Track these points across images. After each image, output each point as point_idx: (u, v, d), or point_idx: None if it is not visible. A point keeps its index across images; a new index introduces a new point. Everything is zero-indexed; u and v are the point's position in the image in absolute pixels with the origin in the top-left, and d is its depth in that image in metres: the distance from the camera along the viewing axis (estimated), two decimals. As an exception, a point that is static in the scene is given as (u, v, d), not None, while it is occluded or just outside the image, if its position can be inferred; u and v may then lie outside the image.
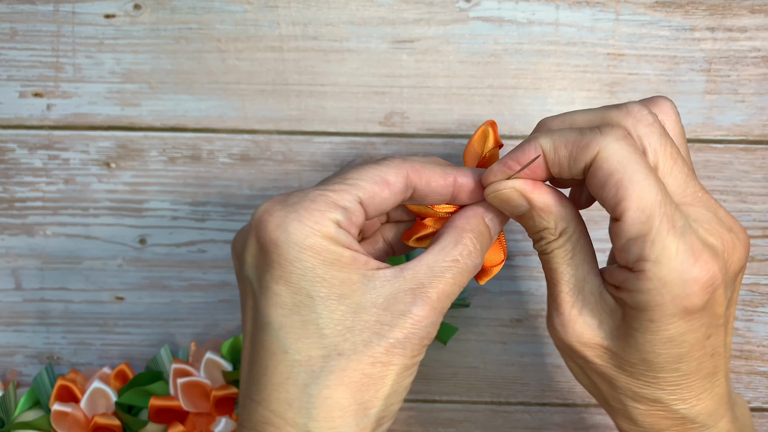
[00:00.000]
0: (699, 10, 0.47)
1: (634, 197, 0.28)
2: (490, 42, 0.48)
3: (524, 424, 0.50)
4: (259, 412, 0.28)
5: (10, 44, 0.49)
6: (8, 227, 0.50)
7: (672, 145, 0.30)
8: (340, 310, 0.28)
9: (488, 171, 0.32)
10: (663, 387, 0.31)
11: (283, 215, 0.28)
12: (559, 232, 0.31)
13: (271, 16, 0.48)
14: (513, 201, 0.31)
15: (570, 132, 0.30)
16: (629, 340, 0.30)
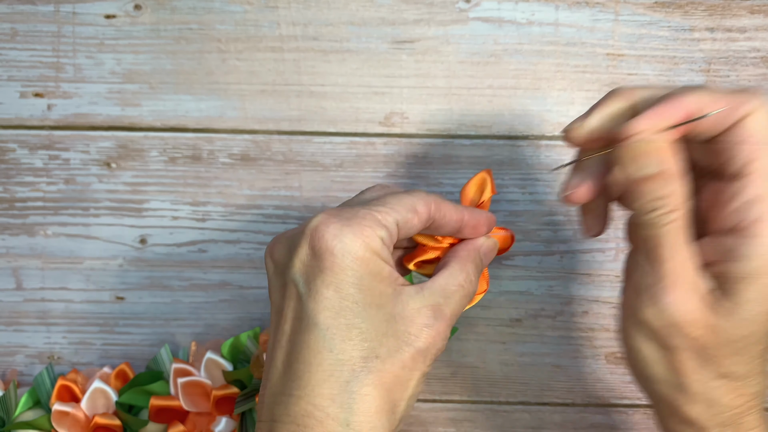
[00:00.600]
0: (698, 11, 0.47)
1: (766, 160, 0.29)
2: (490, 42, 0.48)
3: (524, 424, 0.50)
4: (300, 405, 0.30)
5: (11, 44, 0.49)
6: (9, 227, 0.50)
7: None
8: (378, 318, 0.31)
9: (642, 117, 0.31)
10: (749, 361, 0.32)
11: (339, 227, 0.31)
12: (675, 206, 0.30)
13: (271, 16, 0.48)
14: (653, 157, 0.30)
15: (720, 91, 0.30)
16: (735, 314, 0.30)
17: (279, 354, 0.32)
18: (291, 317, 0.32)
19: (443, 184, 0.48)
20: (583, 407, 0.50)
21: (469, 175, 0.48)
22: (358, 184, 0.49)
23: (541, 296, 0.49)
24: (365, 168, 0.49)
